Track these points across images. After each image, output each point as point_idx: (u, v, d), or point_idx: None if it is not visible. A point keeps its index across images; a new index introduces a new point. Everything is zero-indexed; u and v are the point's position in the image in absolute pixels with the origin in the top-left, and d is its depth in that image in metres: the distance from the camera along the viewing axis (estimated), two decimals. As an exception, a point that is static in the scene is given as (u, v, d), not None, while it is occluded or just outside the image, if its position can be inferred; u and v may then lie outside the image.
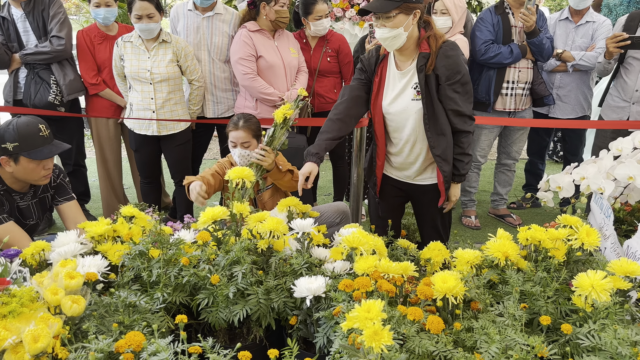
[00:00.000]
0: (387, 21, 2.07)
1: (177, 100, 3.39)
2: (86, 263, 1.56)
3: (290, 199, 2.17)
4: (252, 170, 2.00)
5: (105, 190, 3.88)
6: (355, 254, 1.67)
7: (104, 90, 3.60)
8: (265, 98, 3.34)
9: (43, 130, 2.18)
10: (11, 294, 1.28)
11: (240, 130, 2.62)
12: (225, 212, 1.82)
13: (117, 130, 3.78)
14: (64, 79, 3.48)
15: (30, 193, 2.31)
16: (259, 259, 1.73)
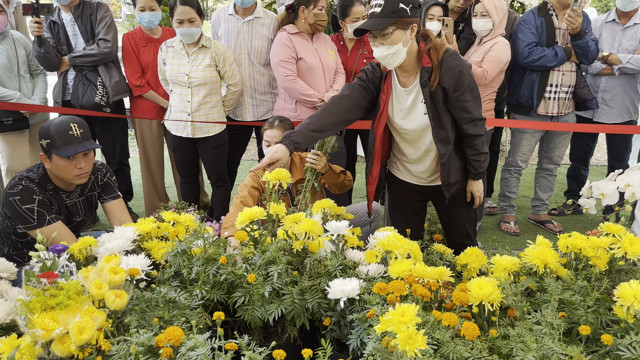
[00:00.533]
0: (384, 39, 2.01)
1: (214, 104, 3.46)
2: (130, 262, 1.62)
3: (325, 201, 2.19)
4: (288, 172, 2.02)
5: (147, 189, 3.99)
6: (390, 258, 1.67)
7: (148, 92, 3.70)
8: (305, 99, 3.36)
9: (74, 130, 2.20)
10: (59, 287, 1.34)
11: (275, 129, 2.74)
12: (262, 212, 1.84)
13: (160, 131, 3.88)
14: (109, 80, 3.60)
15: (78, 191, 2.38)
16: (294, 260, 1.75)
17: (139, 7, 3.55)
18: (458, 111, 2.14)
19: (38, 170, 2.26)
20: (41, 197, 2.20)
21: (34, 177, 2.23)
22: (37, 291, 1.32)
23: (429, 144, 2.26)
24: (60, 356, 1.30)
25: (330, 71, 3.46)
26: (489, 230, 4.01)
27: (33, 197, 2.18)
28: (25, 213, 2.16)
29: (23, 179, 2.21)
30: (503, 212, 4.03)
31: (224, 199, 3.76)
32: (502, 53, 3.32)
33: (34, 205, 2.17)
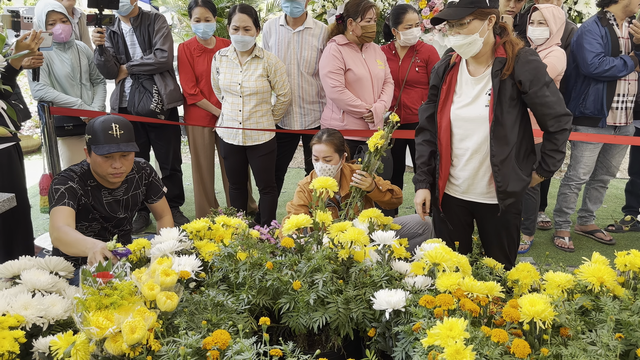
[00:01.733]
0: (461, 28, 2.04)
1: (264, 112, 3.51)
2: (181, 262, 1.66)
3: (371, 210, 2.17)
4: (335, 181, 2.03)
5: (198, 194, 4.09)
6: (438, 270, 1.64)
7: (201, 101, 3.80)
8: (352, 110, 3.37)
9: (114, 130, 2.22)
10: (113, 287, 1.39)
11: (323, 144, 2.77)
12: (309, 220, 1.85)
13: (212, 138, 3.97)
14: (165, 88, 3.73)
15: (122, 189, 2.43)
16: (339, 268, 1.74)
17: (194, 18, 3.66)
18: (540, 107, 2.09)
19: (83, 165, 2.34)
20: (74, 186, 2.25)
21: (77, 169, 2.30)
22: (93, 290, 1.37)
23: (480, 144, 2.21)
24: (112, 354, 1.34)
25: (378, 81, 3.45)
26: (542, 245, 3.87)
27: (67, 182, 2.24)
28: (52, 192, 2.22)
29: (68, 169, 2.30)
30: (557, 227, 3.88)
31: (271, 205, 3.80)
32: (558, 62, 3.22)
33: (61, 187, 2.22)
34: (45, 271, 1.75)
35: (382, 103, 3.43)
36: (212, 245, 1.87)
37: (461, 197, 2.36)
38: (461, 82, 2.24)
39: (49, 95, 3.51)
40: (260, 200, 3.86)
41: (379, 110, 3.38)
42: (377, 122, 3.37)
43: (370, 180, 2.64)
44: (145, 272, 1.55)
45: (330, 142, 2.78)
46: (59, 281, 1.73)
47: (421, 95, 3.63)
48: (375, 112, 3.36)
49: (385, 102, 3.45)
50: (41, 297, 1.54)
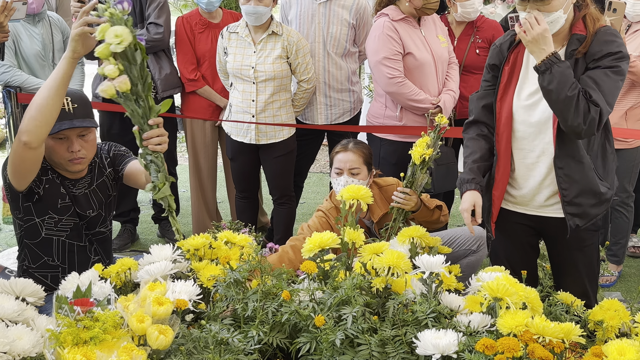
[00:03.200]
0: (543, 4, 2.06)
1: (282, 103, 3.53)
2: (177, 288, 1.67)
3: (414, 228, 2.17)
4: (369, 190, 2.02)
5: (196, 204, 4.13)
6: (500, 307, 1.62)
7: (203, 88, 3.84)
8: (415, 106, 3.32)
9: (66, 104, 2.22)
10: (94, 317, 1.41)
11: (350, 152, 2.76)
12: (336, 239, 1.85)
13: (214, 134, 4.01)
14: (159, 72, 3.77)
15: (87, 180, 2.43)
16: (373, 301, 1.73)
17: (197, -16, 3.71)
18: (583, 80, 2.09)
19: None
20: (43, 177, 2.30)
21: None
22: (69, 321, 1.39)
23: (548, 142, 2.20)
24: (91, 400, 1.36)
25: (443, 64, 3.40)
26: (633, 277, 3.79)
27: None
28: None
29: None
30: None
31: (287, 219, 3.81)
32: None
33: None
34: (10, 296, 1.77)
35: (451, 94, 3.39)
36: (214, 268, 1.88)
37: (524, 211, 2.33)
38: (527, 64, 2.23)
39: (16, 79, 3.56)
40: (274, 212, 3.87)
41: (448, 104, 3.35)
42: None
43: (415, 198, 2.64)
44: (134, 300, 1.57)
45: (359, 151, 2.78)
46: (27, 309, 1.76)
47: (482, 83, 3.61)
48: (445, 106, 3.33)
49: (454, 92, 3.41)
50: (5, 327, 1.56)
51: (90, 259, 2.46)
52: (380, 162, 3.47)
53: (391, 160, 3.39)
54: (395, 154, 3.37)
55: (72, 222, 2.41)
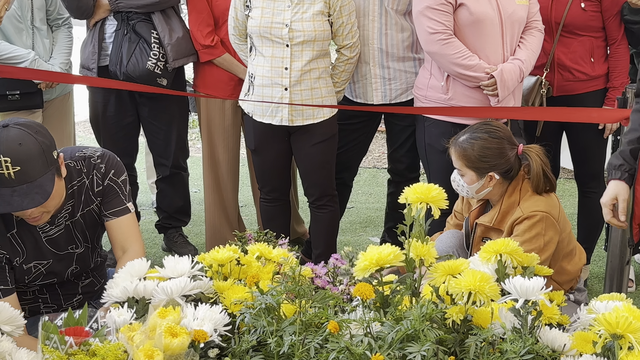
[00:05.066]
0: None
1: (321, 72, 3.54)
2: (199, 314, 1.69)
3: (502, 242, 2.14)
4: (443, 192, 2.00)
5: (212, 208, 4.18)
6: (620, 347, 1.60)
7: (222, 56, 3.88)
8: (463, 73, 3.35)
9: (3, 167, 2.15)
10: (91, 351, 1.43)
11: (452, 151, 2.95)
12: (399, 255, 1.84)
13: (237, 117, 4.04)
14: (169, 36, 3.80)
15: (66, 214, 2.44)
16: (448, 337, 1.73)
17: None
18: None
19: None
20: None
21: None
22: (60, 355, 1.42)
23: None
24: None
25: (514, 26, 3.40)
26: None
27: None
28: None
29: None
30: None
31: (329, 228, 3.83)
32: None
33: None
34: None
35: (516, 63, 3.37)
36: (241, 290, 1.90)
37: None
38: None
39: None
40: (312, 220, 3.88)
41: (507, 75, 3.33)
42: (503, 94, 3.33)
43: None
44: (140, 328, 1.59)
45: (462, 152, 2.87)
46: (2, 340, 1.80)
47: (590, 48, 3.58)
48: (502, 77, 3.32)
49: (523, 62, 3.39)
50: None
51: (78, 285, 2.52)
52: (426, 150, 3.53)
53: (438, 147, 3.41)
54: (443, 139, 3.39)
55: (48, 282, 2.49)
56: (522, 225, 2.81)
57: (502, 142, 2.86)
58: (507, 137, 2.90)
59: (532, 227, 2.80)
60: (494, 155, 2.85)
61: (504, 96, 3.33)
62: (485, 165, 2.84)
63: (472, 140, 2.86)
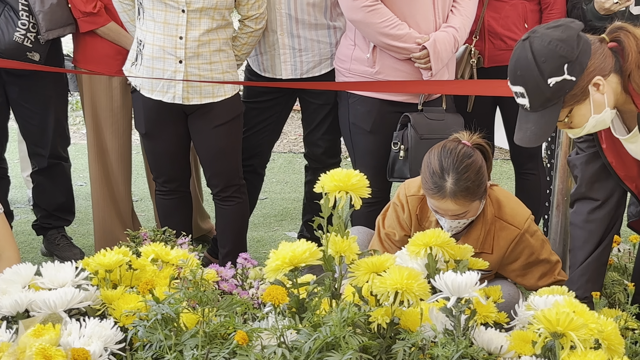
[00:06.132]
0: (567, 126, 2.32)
1: (222, 44, 3.52)
2: (87, 331, 1.65)
3: (432, 233, 2.18)
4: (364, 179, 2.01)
5: (101, 204, 4.11)
6: (561, 346, 1.64)
7: (107, 25, 3.80)
8: (391, 45, 3.38)
9: None
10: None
11: (448, 202, 2.69)
12: (316, 252, 1.85)
13: (127, 98, 3.94)
14: (41, 2, 3.69)
15: None
16: (373, 343, 1.75)
17: None
18: None
19: None
20: None
21: None
22: None
23: None
24: None
25: None
26: None
27: None
28: None
29: None
30: None
31: (237, 223, 3.83)
32: None
33: None
34: None
35: (450, 32, 3.43)
36: (133, 299, 1.87)
37: None
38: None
39: None
40: (218, 214, 3.87)
41: (441, 46, 3.39)
42: (436, 66, 3.38)
43: None
44: (8, 349, 1.55)
45: (465, 196, 2.69)
46: None
47: (523, 13, 3.66)
48: (435, 48, 3.37)
49: (457, 30, 3.45)
50: None
51: None
52: (351, 131, 3.55)
53: (365, 127, 3.47)
54: (370, 118, 3.45)
55: None
56: (526, 240, 2.83)
57: (474, 151, 2.79)
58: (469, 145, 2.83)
59: (536, 235, 2.87)
60: (484, 169, 2.79)
61: (437, 69, 3.38)
62: (485, 184, 2.78)
63: (465, 175, 2.70)
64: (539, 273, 2.81)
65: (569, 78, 2.15)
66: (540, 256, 2.81)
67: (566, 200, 3.33)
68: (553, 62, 2.14)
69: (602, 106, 2.23)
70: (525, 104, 2.23)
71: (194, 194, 4.07)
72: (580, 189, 2.60)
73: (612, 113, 2.28)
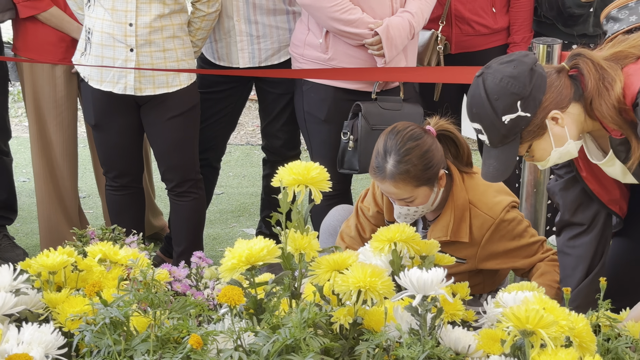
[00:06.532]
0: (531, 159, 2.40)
1: (176, 31, 3.52)
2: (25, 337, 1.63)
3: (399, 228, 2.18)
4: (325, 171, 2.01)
5: (45, 201, 4.08)
6: (531, 345, 1.65)
7: (49, 10, 3.78)
8: (342, 30, 3.39)
9: None
10: None
11: (388, 184, 2.76)
12: (274, 250, 1.85)
13: (72, 87, 3.97)
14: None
15: None
16: (335, 345, 1.75)
17: None
18: None
19: None
20: None
21: None
22: None
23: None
24: None
25: None
26: None
27: None
28: None
29: None
30: None
31: (193, 220, 3.84)
32: None
33: None
34: None
35: (405, 17, 3.45)
36: (79, 302, 1.86)
37: None
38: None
39: None
40: (173, 210, 3.87)
41: (394, 32, 3.40)
42: (390, 53, 3.39)
43: None
44: None
45: (404, 179, 2.75)
46: None
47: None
48: (388, 34, 3.39)
49: (413, 16, 3.47)
50: None
51: None
52: (306, 120, 3.58)
53: (319, 116, 3.50)
54: (324, 106, 3.47)
55: None
56: (503, 229, 2.88)
57: (427, 135, 2.83)
58: (422, 128, 2.89)
59: (514, 223, 2.90)
60: (434, 153, 2.82)
61: (391, 56, 3.40)
62: (435, 170, 2.81)
63: (407, 157, 2.76)
64: (522, 257, 2.88)
65: (523, 114, 2.20)
66: (521, 242, 2.87)
67: (535, 192, 3.37)
68: (505, 100, 2.18)
69: (564, 139, 2.28)
70: (485, 140, 2.29)
71: (145, 189, 4.06)
72: (564, 216, 2.63)
73: (577, 144, 2.33)
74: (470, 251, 2.87)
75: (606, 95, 2.19)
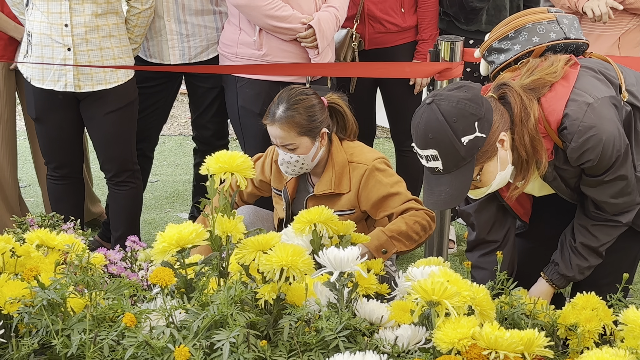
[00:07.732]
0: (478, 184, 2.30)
1: (111, 30, 3.48)
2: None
3: (316, 210, 2.19)
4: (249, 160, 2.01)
5: (-14, 190, 3.99)
6: (437, 314, 1.68)
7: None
8: (277, 26, 3.40)
9: None
10: None
11: (276, 127, 2.91)
12: (202, 233, 1.85)
13: (10, 82, 3.89)
14: None
15: None
16: (260, 319, 1.76)
17: None
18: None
19: None
20: None
21: None
22: None
23: None
24: None
25: None
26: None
27: None
28: None
29: None
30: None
31: (130, 207, 3.81)
32: None
33: None
34: None
35: (331, 11, 3.48)
36: (18, 286, 1.83)
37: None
38: None
39: None
40: (111, 198, 3.83)
41: (325, 24, 3.43)
42: (322, 45, 3.43)
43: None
44: None
45: (288, 123, 2.89)
46: None
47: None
48: (320, 27, 3.41)
49: (338, 10, 3.50)
50: None
51: None
52: (240, 114, 3.58)
53: (254, 110, 3.49)
54: (259, 100, 3.47)
55: None
56: (377, 176, 2.97)
57: (316, 97, 2.97)
58: (317, 94, 3.01)
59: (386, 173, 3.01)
60: (319, 111, 2.95)
61: (323, 47, 3.43)
62: (317, 124, 2.93)
63: (295, 106, 2.91)
64: (396, 204, 2.93)
65: (480, 135, 2.16)
66: (392, 190, 2.95)
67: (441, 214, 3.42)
68: (465, 121, 2.13)
69: (506, 162, 2.27)
70: (438, 166, 2.20)
71: (84, 178, 3.99)
72: (480, 235, 2.62)
73: (511, 169, 2.31)
74: (354, 200, 2.98)
75: (525, 125, 2.21)
